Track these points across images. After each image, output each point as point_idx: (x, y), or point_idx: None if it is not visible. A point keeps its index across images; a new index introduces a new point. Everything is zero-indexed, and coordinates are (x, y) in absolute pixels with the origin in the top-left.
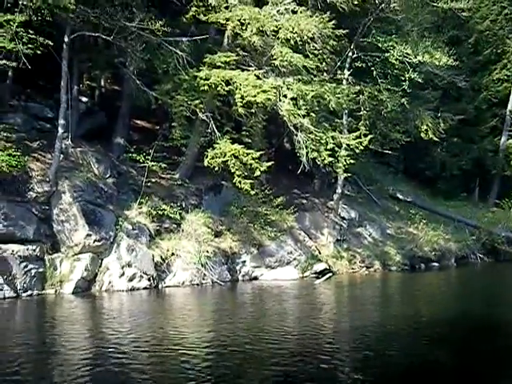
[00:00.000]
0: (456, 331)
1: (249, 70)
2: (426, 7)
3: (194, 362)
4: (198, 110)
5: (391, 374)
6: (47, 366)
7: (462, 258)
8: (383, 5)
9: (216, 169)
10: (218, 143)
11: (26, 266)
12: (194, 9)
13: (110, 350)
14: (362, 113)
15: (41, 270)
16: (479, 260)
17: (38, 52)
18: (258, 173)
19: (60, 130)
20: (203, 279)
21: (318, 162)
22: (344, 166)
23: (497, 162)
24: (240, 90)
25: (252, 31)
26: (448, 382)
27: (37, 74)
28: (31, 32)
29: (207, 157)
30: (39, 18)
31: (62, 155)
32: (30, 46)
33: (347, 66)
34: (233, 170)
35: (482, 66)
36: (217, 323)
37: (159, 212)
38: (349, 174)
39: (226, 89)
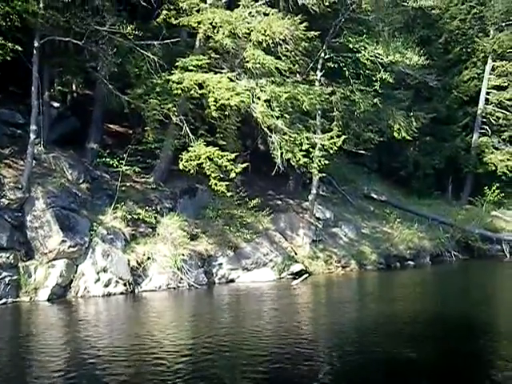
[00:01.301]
0: (432, 329)
1: (221, 73)
2: (396, 7)
3: (171, 368)
4: (171, 114)
5: (368, 373)
6: (21, 375)
7: (436, 255)
8: (354, 5)
9: (191, 172)
10: (192, 146)
11: None
12: (164, 12)
13: (85, 357)
14: (335, 113)
15: (15, 277)
16: (454, 258)
17: (8, 58)
18: (233, 175)
19: (32, 136)
20: (179, 283)
21: (293, 163)
22: (319, 166)
23: (469, 160)
24: (213, 93)
25: (224, 34)
26: (424, 380)
27: (7, 79)
28: (0, 38)
29: (182, 160)
30: (8, 23)
31: (34, 161)
32: None
33: (319, 67)
34: (208, 173)
35: (452, 65)
36: (194, 328)
37: (134, 216)
38: (323, 175)
39: (199, 92)
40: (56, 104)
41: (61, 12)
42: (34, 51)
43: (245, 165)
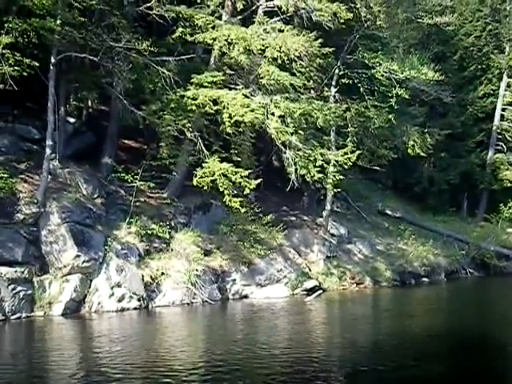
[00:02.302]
0: (446, 347)
1: (236, 89)
2: (411, 24)
3: None
4: (185, 130)
5: None
6: None
7: (451, 272)
8: (368, 22)
9: (205, 188)
10: (206, 162)
11: (14, 289)
12: (180, 29)
13: (98, 373)
14: (349, 129)
15: (29, 292)
16: (469, 275)
17: (25, 73)
18: (247, 191)
19: (48, 151)
20: (193, 298)
21: (307, 179)
22: (333, 182)
23: (484, 177)
24: (228, 109)
25: (239, 50)
26: None
27: (24, 95)
28: (17, 54)
29: (196, 176)
30: (25, 39)
31: (49, 176)
32: (16, 67)
33: (334, 83)
34: (222, 189)
35: (467, 82)
36: (209, 345)
37: (148, 231)
38: (338, 191)
39: (214, 108)
40: (72, 119)
41: (77, 28)
42: (51, 67)
43: (258, 181)
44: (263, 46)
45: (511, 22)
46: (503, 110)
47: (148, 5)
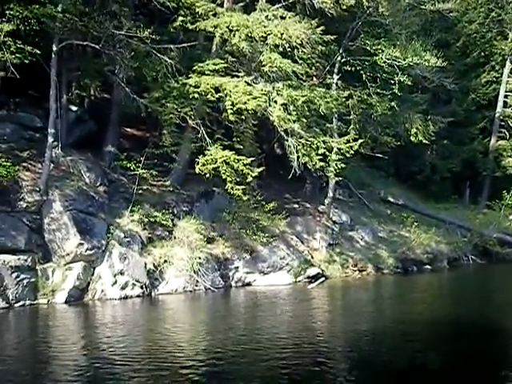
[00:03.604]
0: (448, 334)
1: (238, 77)
2: (413, 10)
3: (189, 373)
4: (187, 118)
5: (383, 376)
6: (39, 378)
7: (454, 260)
8: (371, 9)
9: (207, 175)
10: (208, 150)
11: (17, 276)
12: (180, 18)
13: (101, 361)
14: (351, 117)
15: (33, 279)
16: (471, 262)
17: (26, 61)
18: (249, 179)
19: (50, 139)
20: (196, 286)
21: (310, 167)
22: (335, 170)
23: (487, 164)
24: (230, 96)
25: (241, 37)
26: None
27: (26, 83)
28: (19, 41)
29: (198, 164)
30: (27, 27)
31: (52, 164)
32: (17, 55)
33: (336, 70)
34: (224, 177)
35: (470, 69)
36: (212, 332)
37: (151, 219)
38: (340, 178)
39: (216, 96)
40: (74, 107)
41: (79, 16)
42: (53, 55)
43: (261, 169)
44: (265, 33)
45: None
46: (506, 96)
47: None
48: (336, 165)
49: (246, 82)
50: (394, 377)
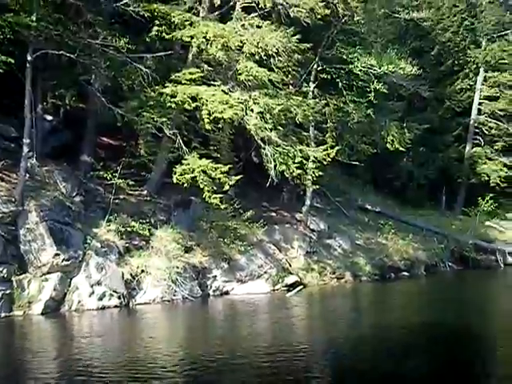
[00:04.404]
0: (426, 340)
1: (215, 86)
2: (388, 19)
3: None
4: (164, 127)
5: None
6: None
7: (431, 266)
8: (346, 17)
9: (185, 185)
10: (186, 159)
11: None
12: (156, 28)
13: (75, 372)
14: (328, 125)
15: (8, 291)
16: (448, 268)
17: (1, 71)
18: (226, 187)
19: (25, 149)
20: (174, 295)
21: (287, 175)
22: (312, 178)
23: (462, 171)
24: (207, 105)
25: (217, 47)
26: None
27: (0, 92)
28: None
29: (175, 173)
30: (0, 36)
31: (27, 174)
32: None
33: (312, 78)
34: (202, 186)
35: (444, 76)
36: (189, 342)
37: (128, 229)
38: (317, 186)
39: (193, 105)
40: (49, 117)
41: (53, 25)
42: (27, 64)
43: (238, 177)
44: (241, 41)
45: (487, 17)
46: (480, 104)
47: (124, 1)
48: (313, 173)
49: (222, 90)
50: (375, 383)
